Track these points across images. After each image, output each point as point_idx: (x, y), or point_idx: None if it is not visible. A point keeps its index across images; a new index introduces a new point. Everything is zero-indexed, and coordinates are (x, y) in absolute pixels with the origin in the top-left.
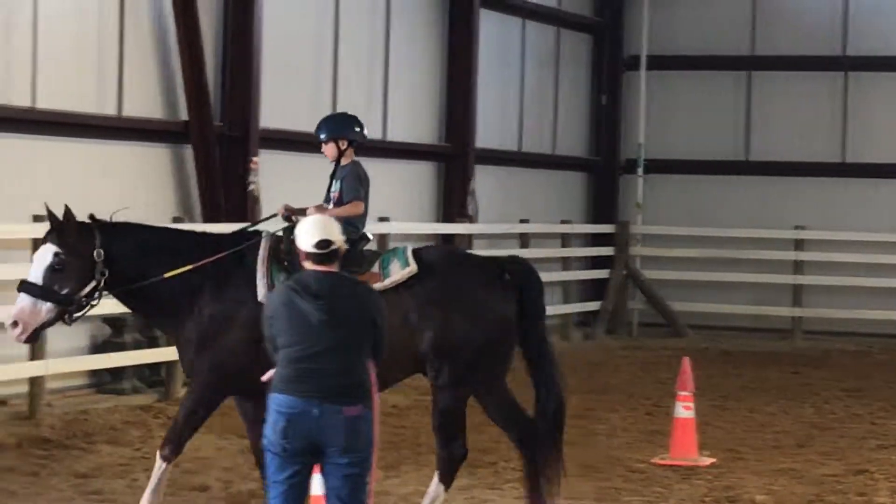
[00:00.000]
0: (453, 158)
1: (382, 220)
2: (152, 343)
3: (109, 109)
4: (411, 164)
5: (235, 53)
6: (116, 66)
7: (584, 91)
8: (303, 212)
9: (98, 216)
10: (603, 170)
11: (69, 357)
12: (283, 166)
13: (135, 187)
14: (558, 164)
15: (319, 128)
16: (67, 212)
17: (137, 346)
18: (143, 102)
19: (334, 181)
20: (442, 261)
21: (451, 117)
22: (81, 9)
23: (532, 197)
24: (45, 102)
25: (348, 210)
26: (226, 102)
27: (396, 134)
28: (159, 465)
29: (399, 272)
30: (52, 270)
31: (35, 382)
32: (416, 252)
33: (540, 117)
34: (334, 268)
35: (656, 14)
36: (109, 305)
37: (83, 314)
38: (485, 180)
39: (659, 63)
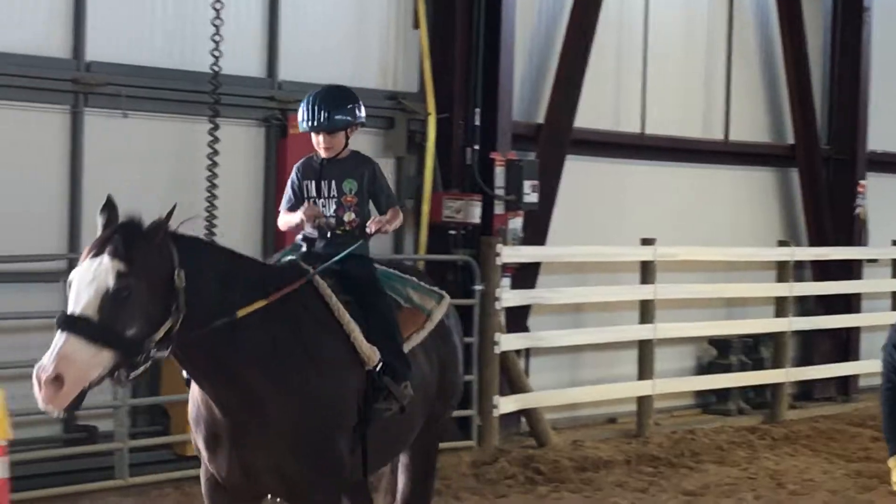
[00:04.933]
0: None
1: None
2: (757, 365)
3: (716, 134)
4: None
5: (842, 76)
6: (723, 92)
7: None
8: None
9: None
10: None
11: (676, 377)
12: (892, 189)
13: (740, 211)
14: None
15: (319, 110)
16: (133, 217)
17: (742, 367)
18: (750, 127)
19: (334, 181)
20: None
21: None
22: (689, 38)
23: None
24: (654, 129)
25: (395, 219)
26: (832, 125)
27: None
28: None
29: (438, 307)
30: (115, 299)
31: (643, 401)
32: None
33: None
34: None
35: None
36: (714, 327)
37: (142, 370)
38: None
39: None
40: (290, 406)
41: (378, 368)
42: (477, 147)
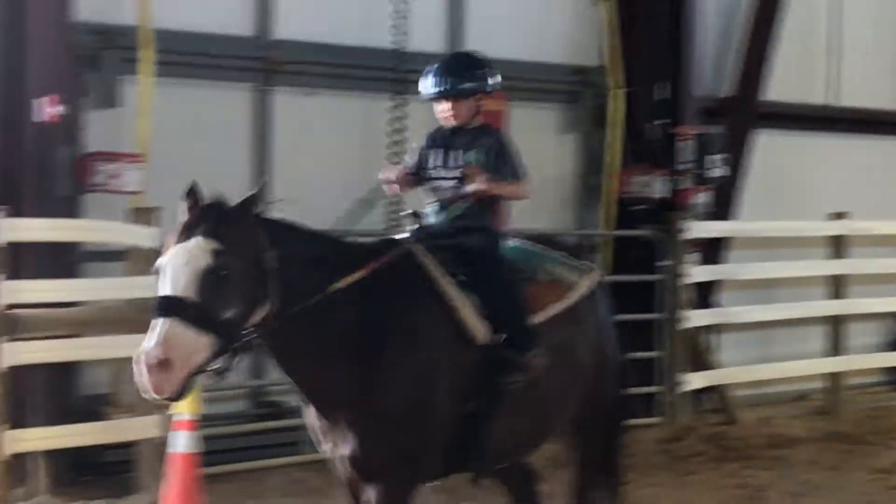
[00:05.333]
0: None
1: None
2: None
3: None
4: None
5: None
6: None
7: None
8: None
9: None
10: None
11: (867, 353)
12: None
13: None
14: None
15: (443, 76)
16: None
17: None
18: None
19: (461, 151)
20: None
21: None
22: (880, 8)
23: None
24: (843, 100)
25: (515, 191)
26: None
27: None
28: None
29: (582, 279)
30: (213, 279)
31: (834, 378)
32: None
33: None
34: None
35: None
36: None
37: (238, 361)
38: None
39: None
40: (374, 387)
41: (497, 343)
42: (663, 121)
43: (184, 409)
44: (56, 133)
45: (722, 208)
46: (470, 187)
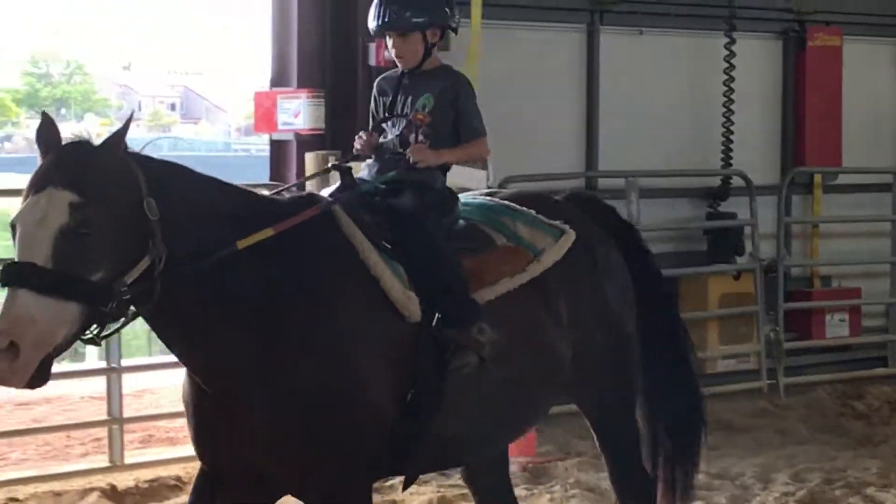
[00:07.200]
0: None
1: None
2: None
3: None
4: None
5: None
6: None
7: None
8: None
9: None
10: None
11: None
12: None
13: None
14: None
15: (389, 6)
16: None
17: None
18: None
19: (410, 97)
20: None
21: None
22: None
23: None
24: None
25: (469, 153)
26: None
27: None
28: None
29: (554, 245)
30: (72, 238)
31: None
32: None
33: None
34: None
35: None
36: None
37: (125, 324)
38: None
39: None
40: (285, 368)
41: (435, 322)
42: None
43: None
44: None
45: None
46: (411, 157)
